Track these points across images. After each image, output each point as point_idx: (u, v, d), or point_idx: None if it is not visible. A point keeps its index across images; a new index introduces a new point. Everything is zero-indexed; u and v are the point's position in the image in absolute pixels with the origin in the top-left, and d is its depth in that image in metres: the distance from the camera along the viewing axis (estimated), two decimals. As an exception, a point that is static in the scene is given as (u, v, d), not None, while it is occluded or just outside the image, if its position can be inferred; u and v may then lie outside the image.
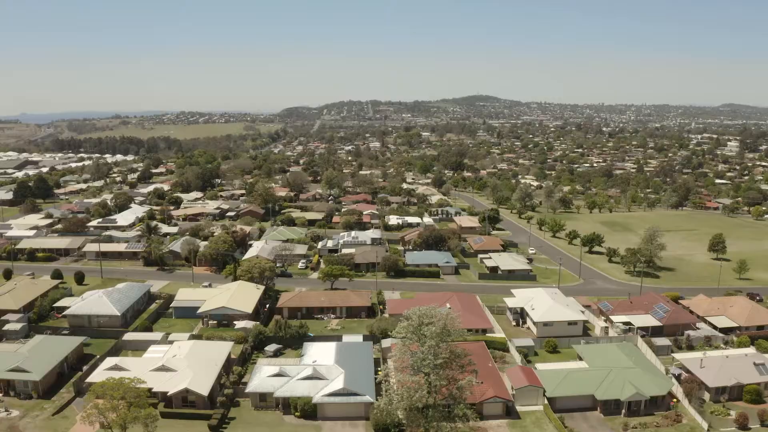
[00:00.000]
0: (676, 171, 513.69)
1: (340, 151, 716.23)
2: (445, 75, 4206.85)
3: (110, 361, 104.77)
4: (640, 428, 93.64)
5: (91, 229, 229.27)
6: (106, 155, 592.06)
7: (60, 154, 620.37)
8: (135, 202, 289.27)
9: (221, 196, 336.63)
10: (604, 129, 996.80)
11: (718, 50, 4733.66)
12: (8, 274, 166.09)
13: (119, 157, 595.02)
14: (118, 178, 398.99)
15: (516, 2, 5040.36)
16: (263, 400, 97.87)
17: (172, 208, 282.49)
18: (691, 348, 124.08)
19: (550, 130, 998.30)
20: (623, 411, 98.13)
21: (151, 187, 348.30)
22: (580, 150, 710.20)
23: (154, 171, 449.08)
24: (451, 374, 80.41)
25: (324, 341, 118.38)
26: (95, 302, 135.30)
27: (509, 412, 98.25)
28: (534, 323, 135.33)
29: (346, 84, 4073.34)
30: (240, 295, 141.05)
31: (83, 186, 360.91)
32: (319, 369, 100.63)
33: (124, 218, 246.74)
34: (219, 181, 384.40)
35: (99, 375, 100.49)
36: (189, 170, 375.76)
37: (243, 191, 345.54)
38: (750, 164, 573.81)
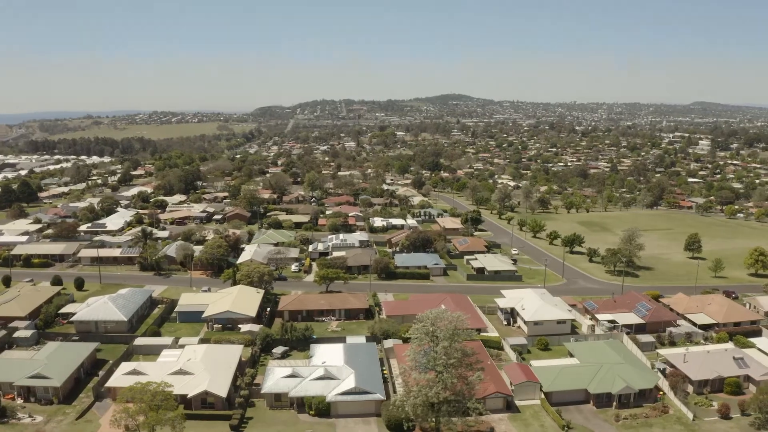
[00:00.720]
0: (650, 170, 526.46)
1: (315, 150, 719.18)
2: (419, 74, 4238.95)
3: (127, 366, 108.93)
4: (630, 419, 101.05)
5: (82, 234, 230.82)
6: (82, 156, 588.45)
7: (35, 156, 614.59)
8: (120, 206, 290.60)
9: (204, 198, 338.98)
10: (577, 128, 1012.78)
11: (688, 49, 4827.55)
12: (7, 281, 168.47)
13: (96, 158, 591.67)
14: (98, 181, 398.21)
15: (487, 3, 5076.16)
16: (278, 400, 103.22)
17: (158, 211, 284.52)
18: (673, 344, 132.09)
19: (524, 129, 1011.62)
20: (614, 403, 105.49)
21: (134, 190, 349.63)
22: (554, 149, 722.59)
23: (133, 173, 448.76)
24: (462, 372, 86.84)
25: (329, 343, 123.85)
26: (101, 308, 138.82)
27: (509, 407, 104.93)
28: (525, 322, 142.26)
29: (319, 83, 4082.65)
30: (242, 299, 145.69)
31: (65, 189, 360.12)
32: (331, 369, 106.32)
33: (112, 222, 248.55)
34: (201, 183, 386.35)
35: (117, 380, 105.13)
36: (171, 173, 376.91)
37: (226, 193, 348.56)
38: (722, 163, 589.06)
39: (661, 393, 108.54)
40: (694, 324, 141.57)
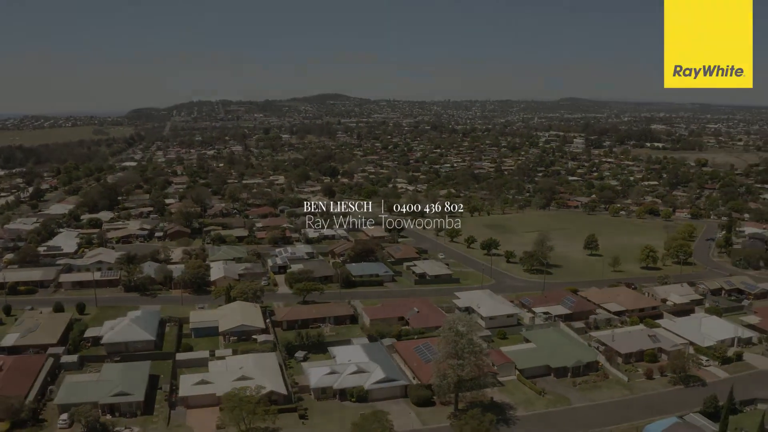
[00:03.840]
0: (532, 169, 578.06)
1: (204, 156, 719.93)
2: (295, 73, 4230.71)
3: (194, 377, 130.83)
4: (583, 384, 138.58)
5: (41, 258, 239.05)
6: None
7: None
8: (63, 227, 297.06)
9: (131, 215, 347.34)
10: (456, 128, 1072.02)
11: (555, 48, 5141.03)
12: (8, 310, 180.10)
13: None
14: (11, 198, 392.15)
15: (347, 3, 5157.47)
16: (323, 393, 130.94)
17: (98, 230, 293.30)
18: (597, 328, 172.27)
19: (406, 130, 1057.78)
20: (569, 374, 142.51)
21: (57, 208, 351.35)
22: (438, 150, 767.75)
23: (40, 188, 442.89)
24: (479, 357, 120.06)
25: (342, 345, 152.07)
26: (127, 330, 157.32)
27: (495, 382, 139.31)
28: (482, 318, 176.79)
29: (193, 83, 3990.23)
30: (248, 314, 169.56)
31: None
32: (361, 365, 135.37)
33: (66, 245, 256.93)
34: (119, 198, 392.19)
35: (188, 389, 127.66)
36: (93, 189, 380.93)
37: (150, 208, 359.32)
38: (597, 161, 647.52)
39: (600, 364, 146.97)
40: (609, 311, 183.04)
